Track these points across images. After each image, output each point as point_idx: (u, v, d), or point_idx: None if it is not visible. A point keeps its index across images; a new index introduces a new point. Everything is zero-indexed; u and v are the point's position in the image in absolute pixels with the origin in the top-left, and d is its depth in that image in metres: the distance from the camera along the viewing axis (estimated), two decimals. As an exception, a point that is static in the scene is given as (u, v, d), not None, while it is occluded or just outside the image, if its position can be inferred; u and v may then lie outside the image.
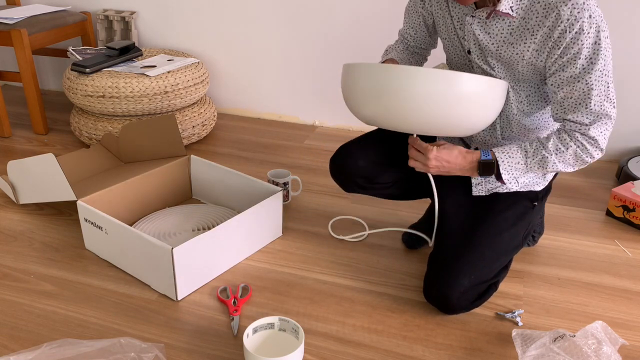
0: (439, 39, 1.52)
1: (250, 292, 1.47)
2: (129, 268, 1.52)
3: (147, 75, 2.12)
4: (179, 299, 1.43)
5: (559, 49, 1.20)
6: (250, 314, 1.40)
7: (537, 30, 1.22)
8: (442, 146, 1.32)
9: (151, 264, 1.43)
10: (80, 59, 2.26)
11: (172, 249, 1.34)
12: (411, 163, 1.36)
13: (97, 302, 1.43)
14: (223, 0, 2.42)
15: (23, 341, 1.29)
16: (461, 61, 1.41)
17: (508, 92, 1.33)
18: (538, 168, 1.31)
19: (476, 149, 1.44)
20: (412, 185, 1.55)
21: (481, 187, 1.43)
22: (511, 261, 1.44)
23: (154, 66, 2.24)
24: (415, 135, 1.36)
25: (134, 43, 2.33)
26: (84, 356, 1.17)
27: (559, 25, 1.18)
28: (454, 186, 1.46)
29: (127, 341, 1.21)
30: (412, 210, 1.82)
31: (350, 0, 2.27)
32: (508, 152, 1.30)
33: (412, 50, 1.58)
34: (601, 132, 1.24)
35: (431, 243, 1.44)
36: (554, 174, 1.47)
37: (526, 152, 1.30)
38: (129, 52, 2.29)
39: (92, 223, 1.54)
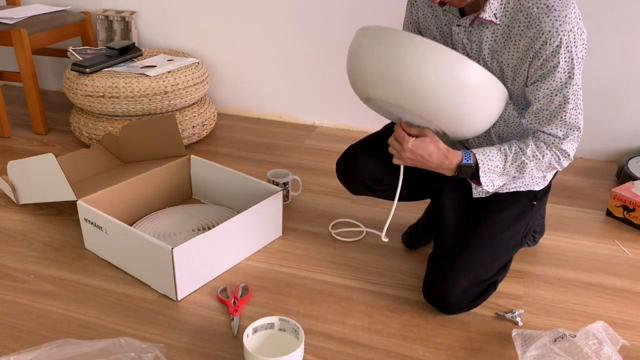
0: None
1: (250, 292, 1.46)
2: (129, 268, 1.52)
3: (147, 75, 2.12)
4: (179, 299, 1.43)
5: (539, 60, 1.21)
6: (250, 314, 1.40)
7: (520, 40, 1.22)
8: (420, 139, 1.28)
9: (151, 264, 1.43)
10: (80, 59, 2.26)
11: (172, 249, 1.34)
12: (390, 150, 1.34)
13: (97, 302, 1.43)
14: (223, 0, 2.43)
15: (23, 341, 1.29)
16: None
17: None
18: (515, 172, 1.32)
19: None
20: (418, 186, 1.54)
21: (481, 189, 1.43)
22: (511, 261, 1.44)
23: (154, 66, 2.24)
24: (404, 122, 1.31)
25: (134, 43, 2.33)
26: (84, 356, 1.17)
27: (540, 37, 1.18)
28: (453, 186, 1.46)
29: (127, 341, 1.21)
30: (412, 210, 1.82)
31: (351, 0, 2.28)
32: (488, 155, 1.30)
33: None
34: (571, 146, 1.29)
35: (383, 237, 1.42)
36: (554, 173, 1.47)
37: (506, 156, 1.30)
38: (129, 52, 2.29)
39: (92, 223, 1.54)
